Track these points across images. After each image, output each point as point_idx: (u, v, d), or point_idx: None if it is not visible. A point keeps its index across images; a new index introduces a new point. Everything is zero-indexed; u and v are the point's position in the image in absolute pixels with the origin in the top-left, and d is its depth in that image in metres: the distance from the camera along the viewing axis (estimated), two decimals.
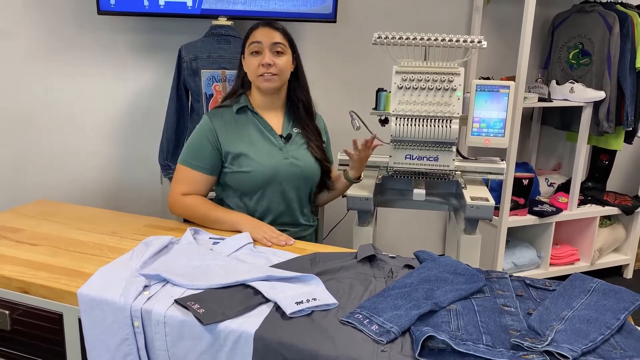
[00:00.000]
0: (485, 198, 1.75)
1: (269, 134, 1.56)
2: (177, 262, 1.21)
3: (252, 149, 1.52)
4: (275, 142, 1.56)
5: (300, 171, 1.56)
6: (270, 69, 1.49)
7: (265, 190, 1.54)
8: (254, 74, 1.52)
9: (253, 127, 1.56)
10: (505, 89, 1.85)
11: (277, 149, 1.55)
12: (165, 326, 1.03)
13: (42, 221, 1.51)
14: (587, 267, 2.83)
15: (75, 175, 2.31)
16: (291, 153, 1.56)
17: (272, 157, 1.53)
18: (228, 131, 1.53)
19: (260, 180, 1.52)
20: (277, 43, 1.50)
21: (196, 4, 2.10)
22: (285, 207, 1.57)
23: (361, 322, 0.98)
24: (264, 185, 1.53)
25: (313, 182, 1.63)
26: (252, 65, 1.51)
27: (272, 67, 1.49)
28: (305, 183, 1.60)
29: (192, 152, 1.53)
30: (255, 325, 0.98)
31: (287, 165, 1.54)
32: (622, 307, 1.03)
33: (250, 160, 1.51)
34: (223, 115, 1.56)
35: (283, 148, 1.56)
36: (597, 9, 2.61)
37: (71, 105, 2.24)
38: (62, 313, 1.14)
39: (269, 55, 1.49)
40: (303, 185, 1.59)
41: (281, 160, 1.53)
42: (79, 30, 2.17)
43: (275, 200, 1.55)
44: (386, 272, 1.22)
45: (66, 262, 1.25)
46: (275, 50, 1.50)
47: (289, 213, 1.59)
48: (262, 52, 1.50)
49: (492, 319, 1.02)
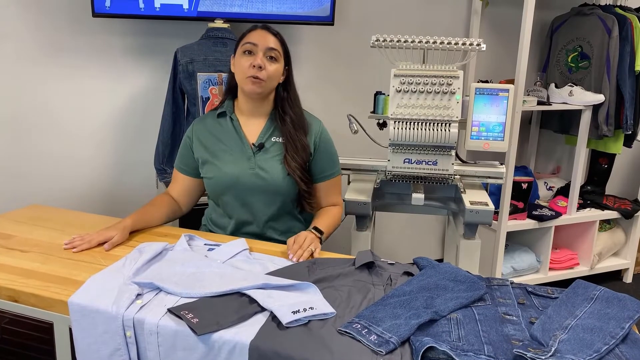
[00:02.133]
0: (484, 202, 1.73)
1: (240, 143, 1.53)
2: (171, 269, 1.18)
3: (219, 155, 1.53)
4: (245, 151, 1.52)
5: (265, 183, 1.49)
6: (259, 73, 1.43)
7: (224, 197, 1.54)
8: (242, 74, 1.46)
9: (228, 133, 1.54)
10: (505, 92, 1.83)
11: (244, 158, 1.51)
12: (158, 336, 1.00)
13: (34, 227, 1.48)
14: (587, 271, 2.81)
15: (70, 179, 2.28)
16: (259, 163, 1.50)
17: (236, 165, 1.51)
18: (204, 137, 1.56)
19: (219, 186, 1.53)
20: (272, 48, 1.46)
21: (192, 6, 2.08)
22: (250, 217, 1.54)
23: (359, 332, 0.96)
24: (222, 191, 1.53)
25: (287, 197, 1.53)
26: (243, 65, 1.45)
27: (262, 70, 1.43)
28: (274, 196, 1.51)
29: (180, 155, 1.62)
30: (250, 335, 0.96)
31: (250, 175, 1.49)
32: (627, 316, 1.01)
33: (213, 166, 1.53)
34: (206, 120, 1.60)
35: (251, 157, 1.51)
36: (596, 12, 2.59)
37: (65, 108, 2.21)
38: (52, 322, 1.11)
39: (261, 57, 1.44)
40: (273, 198, 1.52)
41: (244, 170, 1.50)
42: (73, 33, 2.15)
43: (236, 208, 1.54)
44: (385, 280, 1.19)
45: (57, 270, 1.22)
46: (269, 55, 1.46)
47: (256, 224, 1.55)
48: (255, 53, 1.45)
49: (494, 328, 0.99)
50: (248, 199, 1.52)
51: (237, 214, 1.55)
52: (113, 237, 1.36)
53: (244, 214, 1.54)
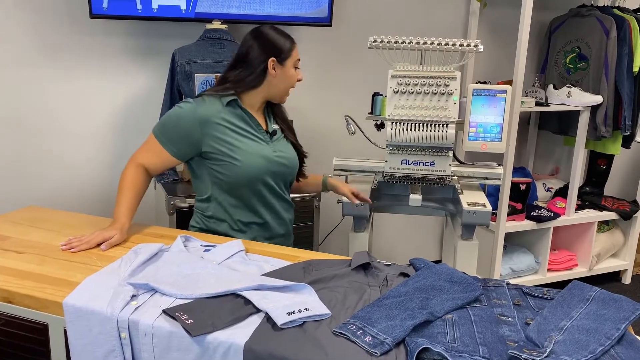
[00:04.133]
0: (482, 204, 1.73)
1: (257, 130, 1.54)
2: (167, 270, 1.18)
3: (242, 142, 1.50)
4: (263, 138, 1.55)
5: (288, 162, 1.58)
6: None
7: (256, 181, 1.52)
8: (288, 85, 1.56)
9: (243, 121, 1.53)
10: (502, 93, 1.83)
11: (265, 143, 1.55)
12: (152, 337, 1.00)
13: (31, 228, 1.48)
14: (585, 272, 2.81)
15: (68, 181, 2.28)
16: (277, 147, 1.57)
17: (262, 149, 1.53)
18: (217, 125, 1.48)
19: (254, 171, 1.50)
20: None
21: (190, 7, 2.08)
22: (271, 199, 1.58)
23: (354, 333, 0.95)
24: (257, 176, 1.51)
25: (294, 173, 1.65)
26: (293, 78, 1.55)
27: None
28: (290, 175, 1.62)
29: (169, 134, 1.48)
30: (245, 336, 0.96)
31: (276, 158, 1.55)
32: (622, 317, 1.01)
33: (241, 151, 1.48)
34: (211, 106, 1.49)
35: (269, 143, 1.56)
36: (594, 13, 2.59)
37: (63, 110, 2.21)
38: (47, 323, 1.11)
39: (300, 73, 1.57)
40: (289, 177, 1.62)
41: (271, 153, 1.54)
42: (70, 34, 2.15)
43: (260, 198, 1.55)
44: (381, 281, 1.19)
45: (53, 271, 1.22)
46: None
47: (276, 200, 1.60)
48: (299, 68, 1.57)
49: (489, 330, 0.99)
50: (275, 180, 1.56)
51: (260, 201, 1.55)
52: (112, 237, 1.36)
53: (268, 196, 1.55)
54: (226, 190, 1.53)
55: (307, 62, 2.50)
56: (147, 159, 1.51)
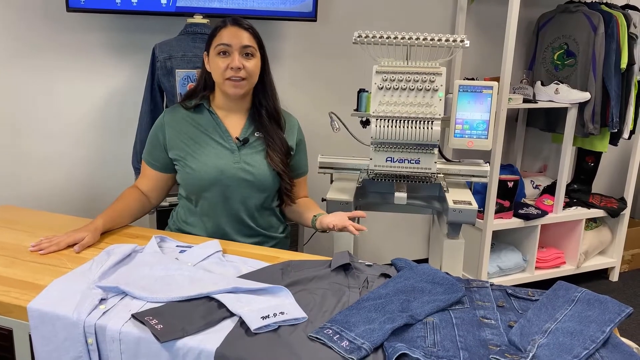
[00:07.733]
0: (468, 202, 1.70)
1: (222, 136, 1.49)
2: (139, 272, 1.13)
3: (200, 148, 1.47)
4: (227, 145, 1.48)
5: (253, 178, 1.47)
6: (239, 73, 1.42)
7: (205, 193, 1.47)
8: (220, 77, 1.44)
9: (207, 126, 1.49)
10: (489, 89, 1.80)
11: (228, 151, 1.47)
12: (120, 343, 0.95)
13: (1, 229, 1.43)
14: (573, 270, 2.80)
15: (45, 179, 2.22)
16: (244, 158, 1.48)
17: (219, 158, 1.46)
18: (180, 130, 1.49)
19: (202, 181, 1.45)
20: (246, 46, 1.43)
21: (170, 1, 2.02)
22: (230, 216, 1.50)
23: (330, 338, 0.92)
24: (204, 187, 1.46)
25: (268, 194, 1.53)
26: (219, 67, 1.43)
27: (240, 70, 1.42)
28: (257, 192, 1.50)
29: (147, 148, 1.55)
30: (216, 342, 0.91)
31: (235, 169, 1.46)
32: (608, 319, 0.98)
33: (194, 160, 1.46)
34: (178, 113, 1.52)
35: (235, 151, 1.48)
36: (582, 9, 2.57)
37: (40, 107, 2.15)
38: (11, 329, 1.06)
39: (238, 58, 1.42)
40: (255, 194, 1.50)
41: (229, 164, 1.46)
42: (46, 29, 2.08)
43: (217, 205, 1.48)
44: (361, 282, 1.15)
45: (20, 274, 1.17)
46: (245, 52, 1.44)
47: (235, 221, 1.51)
48: (230, 53, 1.42)
49: (471, 333, 0.96)
50: (232, 195, 1.47)
51: (216, 213, 1.49)
52: (84, 239, 1.31)
53: (225, 212, 1.49)
54: (185, 197, 1.54)
55: (291, 58, 2.46)
56: (140, 182, 1.57)
